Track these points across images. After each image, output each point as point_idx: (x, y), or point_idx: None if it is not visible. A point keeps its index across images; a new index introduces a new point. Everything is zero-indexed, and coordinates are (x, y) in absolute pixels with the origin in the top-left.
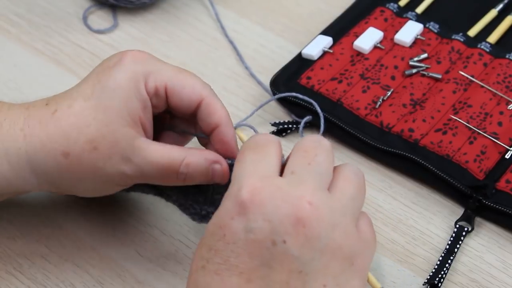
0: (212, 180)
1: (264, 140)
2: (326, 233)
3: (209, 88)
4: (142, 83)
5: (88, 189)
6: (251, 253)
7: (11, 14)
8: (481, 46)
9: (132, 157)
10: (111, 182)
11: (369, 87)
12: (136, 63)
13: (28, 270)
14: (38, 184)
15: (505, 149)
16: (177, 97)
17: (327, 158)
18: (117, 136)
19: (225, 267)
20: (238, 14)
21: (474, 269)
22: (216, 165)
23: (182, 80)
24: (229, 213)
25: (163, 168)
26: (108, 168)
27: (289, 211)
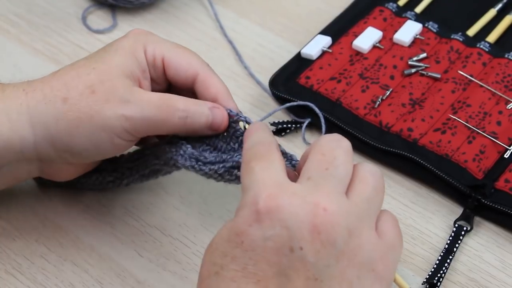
0: (211, 124)
1: (265, 148)
2: (342, 239)
3: (206, 64)
4: (141, 48)
5: (84, 142)
6: (269, 261)
7: (11, 14)
8: (480, 45)
9: (130, 99)
10: (109, 129)
11: (368, 87)
12: (139, 34)
13: (27, 270)
14: (35, 143)
15: (504, 149)
16: (174, 70)
17: (346, 161)
18: (115, 83)
19: (242, 274)
20: (237, 14)
21: (473, 268)
22: (215, 109)
23: (179, 54)
24: (247, 221)
25: (163, 106)
26: (106, 111)
27: (305, 218)
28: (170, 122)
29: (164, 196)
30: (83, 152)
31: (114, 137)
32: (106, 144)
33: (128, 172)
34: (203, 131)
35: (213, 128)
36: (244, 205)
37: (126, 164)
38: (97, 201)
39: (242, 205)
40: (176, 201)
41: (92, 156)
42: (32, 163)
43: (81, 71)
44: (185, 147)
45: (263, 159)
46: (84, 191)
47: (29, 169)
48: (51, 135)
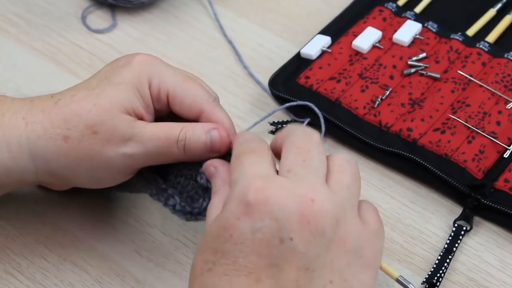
0: (211, 147)
1: (256, 145)
2: (331, 227)
3: (211, 100)
4: (146, 84)
5: (86, 177)
6: (259, 253)
7: (10, 14)
8: (480, 45)
9: (132, 136)
10: (111, 167)
11: (367, 87)
12: (144, 64)
13: (27, 269)
14: (36, 173)
15: (504, 148)
16: (178, 106)
17: (319, 151)
18: (117, 122)
19: (234, 267)
20: (237, 14)
21: (472, 268)
22: (213, 131)
23: (185, 90)
24: (235, 214)
25: (164, 138)
26: (107, 152)
27: (294, 209)
28: (171, 154)
29: None
30: (84, 184)
31: (115, 174)
32: (106, 179)
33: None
34: (205, 155)
35: (214, 150)
36: (231, 198)
37: None
38: (97, 201)
39: (229, 198)
40: None
41: (92, 186)
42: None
43: (81, 106)
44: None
45: (254, 154)
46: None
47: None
48: (52, 169)
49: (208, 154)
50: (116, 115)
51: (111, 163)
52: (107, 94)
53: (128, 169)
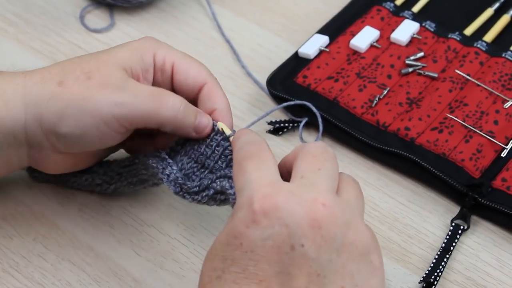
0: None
1: (256, 146)
2: (341, 232)
3: (214, 77)
4: (149, 53)
5: (72, 124)
6: (270, 260)
7: (8, 14)
8: (477, 45)
9: (125, 87)
10: (98, 115)
11: (365, 86)
12: (150, 39)
13: (24, 268)
14: (25, 121)
15: (501, 148)
16: (183, 75)
17: (334, 165)
18: (113, 72)
19: (244, 275)
20: (235, 13)
21: (469, 267)
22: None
23: (189, 62)
24: (244, 222)
25: (157, 96)
26: (99, 96)
27: (305, 214)
28: (161, 114)
29: (162, 195)
30: (68, 136)
31: (101, 124)
32: (91, 131)
33: (117, 177)
34: (188, 131)
35: (198, 131)
36: (240, 206)
37: (116, 169)
38: (95, 200)
39: (238, 207)
40: (174, 200)
41: (77, 143)
42: (22, 148)
43: (82, 58)
44: (171, 169)
45: (255, 158)
46: (81, 190)
47: (19, 156)
48: (41, 113)
49: (191, 132)
50: (114, 67)
51: (100, 109)
52: (109, 51)
53: (115, 123)
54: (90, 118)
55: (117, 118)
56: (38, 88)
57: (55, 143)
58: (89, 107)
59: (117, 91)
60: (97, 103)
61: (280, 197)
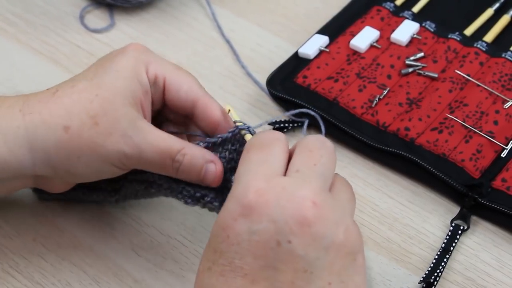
0: (203, 179)
1: (270, 139)
2: (331, 231)
3: (203, 89)
4: (143, 69)
5: (84, 170)
6: (255, 254)
7: (8, 14)
8: (478, 45)
9: (132, 136)
10: (108, 161)
11: (365, 86)
12: (139, 52)
13: (24, 269)
14: (34, 166)
15: (501, 148)
16: (175, 92)
17: (331, 161)
18: (119, 114)
19: (230, 268)
20: (235, 14)
21: (469, 267)
22: (211, 164)
23: (180, 77)
24: (232, 214)
25: (161, 152)
26: (108, 145)
27: (294, 211)
28: (164, 168)
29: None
30: (82, 176)
31: (112, 167)
32: (104, 171)
33: (132, 196)
34: (195, 182)
35: (205, 183)
36: (232, 197)
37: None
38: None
39: (230, 197)
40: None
41: (89, 179)
42: (28, 179)
43: (83, 96)
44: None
45: (263, 149)
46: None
47: (24, 183)
48: (51, 160)
49: (197, 182)
50: (119, 107)
51: (110, 157)
52: (108, 84)
53: (124, 166)
54: (102, 163)
55: (125, 165)
56: (42, 133)
57: (66, 179)
58: (100, 155)
59: (125, 140)
60: (107, 153)
61: (272, 193)
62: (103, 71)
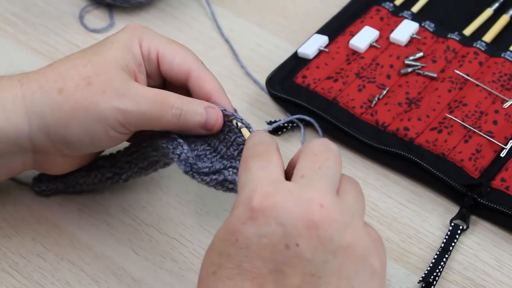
0: (206, 123)
1: (264, 146)
2: (339, 234)
3: (200, 62)
4: (137, 44)
5: (79, 133)
6: (264, 258)
7: (8, 13)
8: (477, 45)
9: (126, 92)
10: (104, 121)
11: (364, 86)
12: (135, 28)
13: (24, 268)
14: (30, 132)
15: (500, 148)
16: (168, 64)
17: (337, 163)
18: (112, 75)
19: (238, 272)
20: (235, 14)
21: (469, 267)
22: (210, 108)
23: (173, 49)
24: (241, 219)
25: (158, 101)
26: (102, 103)
27: (302, 214)
28: (164, 118)
29: (161, 195)
30: (78, 143)
31: (108, 129)
32: (100, 135)
33: (126, 166)
34: (196, 130)
35: (207, 128)
36: (239, 203)
37: (123, 158)
38: (94, 199)
39: (237, 203)
40: (173, 200)
41: (87, 147)
42: (26, 154)
43: (77, 62)
44: (182, 149)
45: (261, 157)
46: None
47: (23, 161)
48: (47, 125)
49: (199, 130)
50: (112, 69)
51: (105, 116)
52: (102, 52)
53: (121, 127)
54: (98, 124)
55: (122, 123)
56: (38, 98)
57: (63, 149)
58: (95, 115)
59: (119, 97)
60: (101, 110)
61: (279, 196)
62: (99, 44)
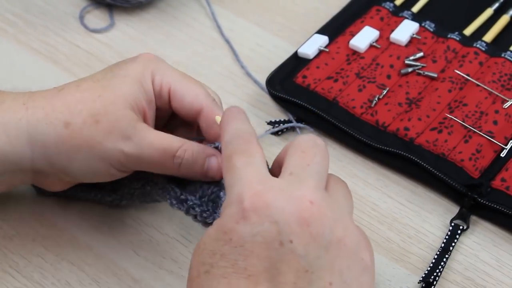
0: (206, 173)
1: (245, 140)
2: (330, 229)
3: (211, 99)
4: (149, 77)
5: (81, 168)
6: (259, 255)
7: (8, 14)
8: (477, 45)
9: (132, 136)
10: (106, 161)
11: (364, 86)
12: (149, 60)
13: (24, 268)
14: (33, 160)
15: (501, 148)
16: (179, 102)
17: (325, 159)
18: (120, 115)
19: (233, 270)
20: (235, 14)
21: (469, 267)
22: (213, 158)
23: (186, 86)
24: (234, 218)
25: (162, 149)
26: (107, 143)
27: (293, 212)
28: (165, 165)
29: None
30: (79, 176)
31: (110, 168)
32: (102, 172)
33: (128, 196)
34: (197, 177)
35: (208, 177)
36: (229, 203)
37: (126, 190)
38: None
39: (228, 203)
40: None
41: (87, 179)
42: (26, 173)
43: (86, 96)
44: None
45: (244, 153)
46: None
47: (23, 179)
48: (50, 156)
49: (200, 178)
50: (120, 108)
51: (108, 156)
52: (113, 87)
53: (123, 167)
54: (101, 162)
55: (124, 165)
56: (43, 127)
57: (64, 177)
58: (99, 154)
59: (125, 139)
60: (106, 151)
61: (270, 195)
62: (112, 75)
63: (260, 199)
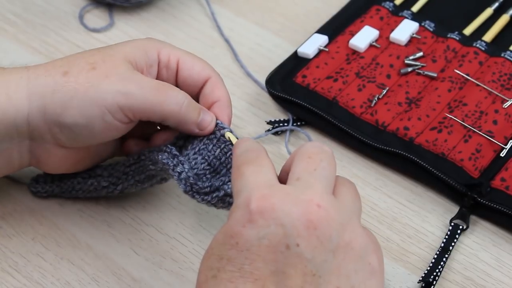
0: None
1: (255, 154)
2: (337, 233)
3: (217, 73)
4: (154, 49)
5: (76, 114)
6: (265, 259)
7: (8, 13)
8: (477, 44)
9: (129, 78)
10: (102, 105)
11: (364, 86)
12: (153, 39)
13: (23, 268)
14: (28, 113)
15: (500, 148)
16: (188, 71)
17: (331, 164)
18: (117, 63)
19: (239, 274)
20: (234, 13)
21: (468, 267)
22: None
23: (194, 58)
24: (240, 222)
25: (162, 89)
26: (103, 86)
27: (300, 215)
28: (165, 107)
29: (161, 195)
30: (73, 127)
31: (106, 114)
32: (96, 121)
33: (123, 177)
34: (191, 127)
35: (201, 127)
36: (236, 207)
37: (121, 169)
38: (94, 199)
39: (235, 208)
40: (173, 200)
41: (81, 134)
42: (23, 141)
43: (86, 54)
44: (182, 167)
45: (253, 163)
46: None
47: (20, 150)
48: (45, 105)
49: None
50: (118, 58)
51: (104, 98)
52: (114, 46)
53: (119, 112)
54: (95, 107)
55: (122, 108)
56: (42, 79)
57: (58, 135)
58: (94, 96)
59: (122, 80)
60: (102, 92)
61: (276, 198)
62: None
63: (266, 202)
